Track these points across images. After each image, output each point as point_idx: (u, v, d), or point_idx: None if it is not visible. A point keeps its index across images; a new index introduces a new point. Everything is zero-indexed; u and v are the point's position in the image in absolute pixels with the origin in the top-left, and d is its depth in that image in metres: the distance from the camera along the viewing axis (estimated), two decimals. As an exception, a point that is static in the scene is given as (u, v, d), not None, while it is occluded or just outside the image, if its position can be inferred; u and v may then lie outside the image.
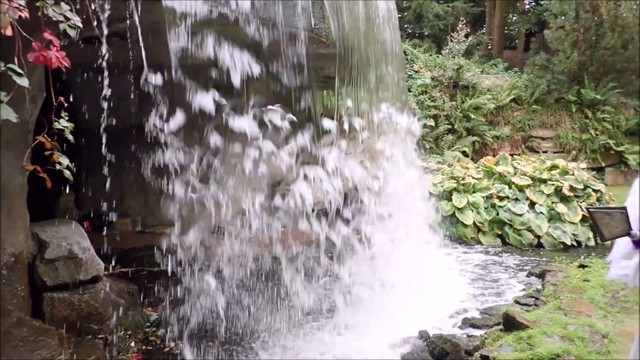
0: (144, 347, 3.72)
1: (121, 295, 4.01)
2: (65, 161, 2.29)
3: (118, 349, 3.50)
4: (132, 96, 3.95)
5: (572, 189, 8.03)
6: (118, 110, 3.50)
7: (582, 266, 5.62)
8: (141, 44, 2.54)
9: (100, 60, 2.55)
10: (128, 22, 2.48)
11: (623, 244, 2.04)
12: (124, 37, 2.85)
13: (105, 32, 2.37)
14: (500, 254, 7.18)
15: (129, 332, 3.74)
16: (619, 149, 12.17)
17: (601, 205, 7.21)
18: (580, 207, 7.77)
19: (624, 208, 1.92)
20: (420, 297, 5.00)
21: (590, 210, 1.94)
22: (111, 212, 5.02)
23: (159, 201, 5.16)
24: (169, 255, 4.11)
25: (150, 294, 4.53)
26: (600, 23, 12.59)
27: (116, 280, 4.33)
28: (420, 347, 3.78)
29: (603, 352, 3.43)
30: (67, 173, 2.31)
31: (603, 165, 12.27)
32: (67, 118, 2.34)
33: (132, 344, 3.67)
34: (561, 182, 8.09)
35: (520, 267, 6.49)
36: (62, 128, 2.30)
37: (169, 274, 4.09)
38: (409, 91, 12.78)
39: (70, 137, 2.33)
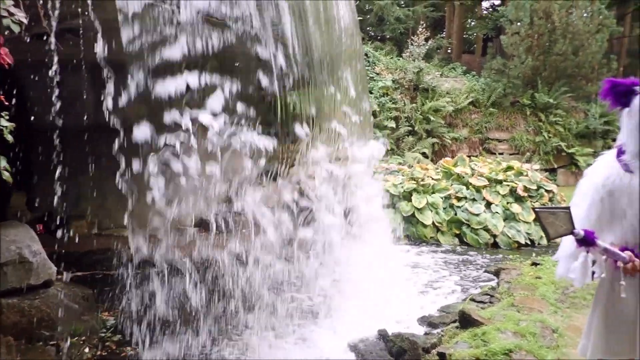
0: (99, 353, 3.62)
1: (75, 300, 3.88)
2: (3, 162, 2.19)
3: (71, 355, 3.40)
4: (87, 95, 3.83)
5: (526, 189, 8.33)
6: (72, 109, 3.40)
7: (534, 264, 5.82)
8: (97, 40, 2.48)
9: (52, 56, 2.47)
10: (80, 18, 2.42)
11: (569, 243, 2.13)
12: (78, 34, 2.77)
13: (56, 28, 2.29)
14: (458, 253, 7.36)
15: (83, 338, 3.63)
16: (570, 150, 12.68)
17: (546, 206, 7.49)
18: (534, 207, 8.05)
19: (568, 208, 2.01)
20: (380, 297, 5.07)
21: (536, 210, 2.01)
22: (66, 214, 4.85)
23: (116, 203, 5.04)
24: (127, 258, 4.02)
25: (107, 298, 4.41)
26: (553, 30, 13.09)
27: (70, 285, 4.19)
28: (379, 346, 3.83)
29: (553, 347, 3.56)
30: (5, 175, 2.22)
31: (555, 166, 12.75)
32: (7, 117, 2.24)
33: (87, 349, 3.56)
34: (516, 183, 8.38)
35: (477, 266, 6.67)
36: (1, 128, 2.20)
37: (127, 277, 4.00)
38: (370, 93, 12.92)
39: (9, 138, 2.24)
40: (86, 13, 2.40)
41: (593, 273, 2.10)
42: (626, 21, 16.35)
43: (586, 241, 1.98)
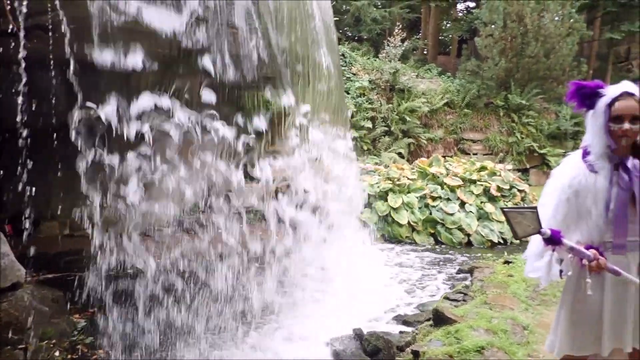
0: (69, 356, 3.55)
1: (45, 303, 3.81)
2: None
3: (40, 359, 3.32)
4: (57, 93, 3.75)
5: (499, 189, 8.49)
6: (42, 107, 3.33)
7: (506, 262, 5.93)
8: (65, 38, 2.42)
9: (18, 53, 2.41)
10: (49, 15, 2.36)
11: (537, 242, 2.18)
12: (48, 31, 2.71)
13: (24, 24, 2.24)
14: (433, 252, 7.45)
15: (54, 342, 3.56)
16: (542, 151, 12.94)
17: (514, 206, 7.64)
18: (506, 206, 8.21)
19: (535, 208, 2.06)
20: (356, 296, 5.11)
21: (504, 210, 2.05)
22: (36, 215, 4.74)
23: (88, 203, 4.94)
24: (99, 259, 3.95)
25: (78, 300, 4.33)
26: (526, 32, 13.33)
27: (40, 287, 4.10)
28: (354, 344, 3.86)
29: (523, 343, 3.64)
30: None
31: (528, 166, 13.00)
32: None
33: (57, 353, 3.49)
34: (489, 183, 8.52)
35: (452, 265, 6.77)
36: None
37: (99, 279, 3.94)
38: (347, 93, 12.96)
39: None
40: (55, 10, 2.35)
41: (561, 271, 2.15)
42: (595, 25, 16.77)
43: (553, 240, 2.03)
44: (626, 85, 2.06)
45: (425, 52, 20.40)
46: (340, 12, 19.60)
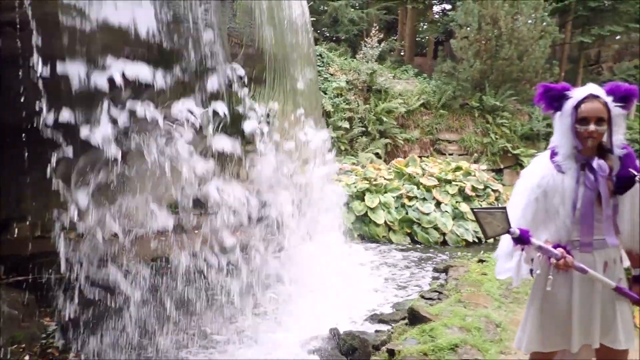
0: (39, 361, 3.49)
1: (14, 306, 3.72)
2: None
3: (10, 363, 3.25)
4: (27, 91, 3.66)
5: (473, 189, 8.62)
6: (11, 104, 3.24)
7: (481, 261, 6.03)
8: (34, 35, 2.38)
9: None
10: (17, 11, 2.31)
11: (506, 242, 2.23)
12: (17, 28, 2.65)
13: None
14: (409, 252, 7.53)
15: (23, 345, 3.48)
16: (516, 152, 13.19)
17: (484, 206, 7.77)
18: (481, 205, 8.36)
19: (504, 208, 2.10)
20: (333, 295, 5.12)
21: (474, 210, 2.09)
22: (6, 216, 4.62)
23: (61, 203, 4.83)
24: (72, 261, 3.88)
25: (50, 303, 4.24)
26: (500, 35, 13.57)
27: (9, 290, 4.01)
28: (330, 344, 3.88)
29: (496, 340, 3.71)
30: None
31: (502, 166, 13.23)
32: None
33: (27, 357, 3.42)
34: (464, 183, 8.65)
35: (428, 264, 6.85)
36: None
37: (70, 281, 3.86)
38: (325, 94, 12.99)
39: None
40: (23, 7, 2.30)
41: (531, 270, 2.20)
42: (567, 29, 17.16)
43: (521, 240, 2.08)
44: (591, 88, 2.12)
45: (402, 54, 20.58)
46: (318, 13, 19.63)
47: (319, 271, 5.50)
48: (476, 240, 7.97)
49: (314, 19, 18.36)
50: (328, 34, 21.09)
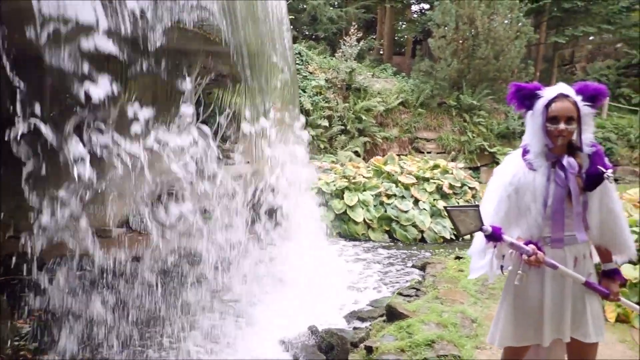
0: (11, 363, 3.41)
1: (-15, 308, 3.63)
2: None
3: (-20, 367, 3.18)
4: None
5: (451, 187, 8.72)
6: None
7: (457, 258, 6.11)
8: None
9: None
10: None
11: (480, 239, 2.27)
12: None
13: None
14: (388, 249, 7.58)
15: (-5, 348, 3.40)
16: (492, 150, 13.40)
17: (456, 204, 7.88)
18: (458, 203, 8.46)
19: (477, 206, 2.13)
20: (312, 293, 5.13)
21: (448, 209, 2.12)
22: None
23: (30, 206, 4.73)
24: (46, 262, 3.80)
25: (24, 305, 4.15)
26: (476, 35, 13.77)
27: (-20, 292, 3.91)
28: (309, 341, 3.88)
29: (472, 336, 3.77)
30: None
31: (478, 164, 13.42)
32: None
33: (-2, 360, 3.34)
34: (442, 181, 8.74)
35: (406, 261, 6.90)
36: None
37: (44, 282, 3.79)
38: (304, 92, 13.00)
39: None
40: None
41: (502, 267, 2.24)
42: (542, 29, 17.50)
43: (494, 237, 2.12)
44: (561, 88, 2.17)
45: (380, 52, 20.71)
46: (297, 11, 19.61)
47: (297, 269, 5.50)
48: (453, 238, 8.06)
49: (293, 17, 18.36)
50: (307, 32, 21.10)
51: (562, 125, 2.10)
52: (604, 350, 3.54)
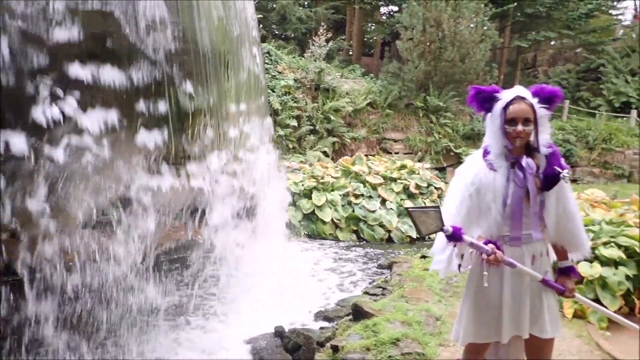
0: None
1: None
2: None
3: None
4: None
5: (417, 187, 8.85)
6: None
7: (423, 257, 6.19)
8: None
9: None
10: None
11: (442, 239, 2.31)
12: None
13: None
14: (355, 249, 7.63)
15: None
16: (458, 151, 13.64)
17: (418, 205, 8.01)
18: (424, 203, 8.60)
19: (438, 207, 2.18)
20: (279, 293, 5.11)
21: (409, 210, 2.15)
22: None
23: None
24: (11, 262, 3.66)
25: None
26: (443, 37, 14.00)
27: None
28: (275, 342, 3.87)
29: (436, 333, 3.84)
30: None
31: (445, 165, 13.65)
32: None
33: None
34: (409, 181, 8.87)
35: (373, 260, 6.97)
36: None
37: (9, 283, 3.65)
38: (273, 91, 12.95)
39: None
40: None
41: (459, 265, 2.29)
42: (505, 33, 17.95)
43: (454, 237, 2.16)
44: (518, 90, 2.23)
45: (350, 53, 20.83)
46: (266, 10, 19.54)
47: (264, 270, 5.48)
48: (419, 237, 8.18)
49: (262, 15, 18.28)
50: (277, 32, 21.03)
51: (519, 127, 2.16)
52: (561, 345, 3.66)
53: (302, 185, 8.47)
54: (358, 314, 4.18)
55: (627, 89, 16.67)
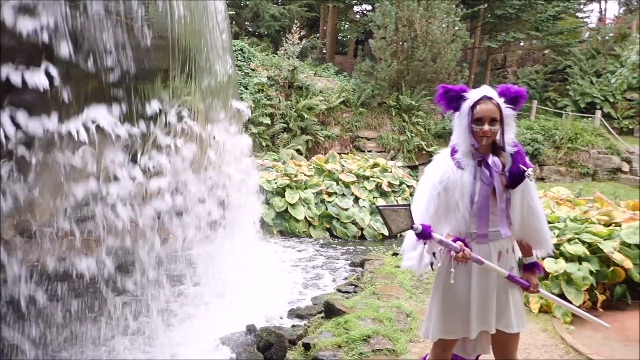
0: None
1: None
2: None
3: None
4: None
5: (390, 185, 8.94)
6: None
7: (395, 254, 6.26)
8: None
9: None
10: None
11: (411, 236, 2.33)
12: None
13: None
14: (328, 246, 7.66)
15: None
16: (430, 149, 13.80)
17: (388, 204, 8.10)
18: (397, 201, 8.68)
19: (408, 205, 2.20)
20: (251, 291, 5.09)
21: (379, 208, 2.16)
22: None
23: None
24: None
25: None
26: (415, 37, 14.14)
27: None
28: (247, 341, 3.85)
29: (406, 330, 3.88)
30: None
31: (417, 163, 13.80)
32: None
33: None
34: (381, 179, 8.94)
35: (346, 258, 7.00)
36: None
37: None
38: (246, 89, 12.86)
39: None
40: None
41: (432, 263, 2.32)
42: (476, 34, 18.23)
43: (424, 235, 2.18)
44: (485, 90, 2.27)
45: (323, 52, 20.84)
46: (239, 7, 19.39)
47: (236, 268, 5.44)
48: (390, 235, 8.26)
49: (234, 12, 18.13)
50: (250, 29, 20.89)
51: (486, 126, 2.20)
52: (528, 339, 3.75)
53: (275, 183, 8.45)
54: (330, 311, 4.20)
55: (592, 89, 17.16)
